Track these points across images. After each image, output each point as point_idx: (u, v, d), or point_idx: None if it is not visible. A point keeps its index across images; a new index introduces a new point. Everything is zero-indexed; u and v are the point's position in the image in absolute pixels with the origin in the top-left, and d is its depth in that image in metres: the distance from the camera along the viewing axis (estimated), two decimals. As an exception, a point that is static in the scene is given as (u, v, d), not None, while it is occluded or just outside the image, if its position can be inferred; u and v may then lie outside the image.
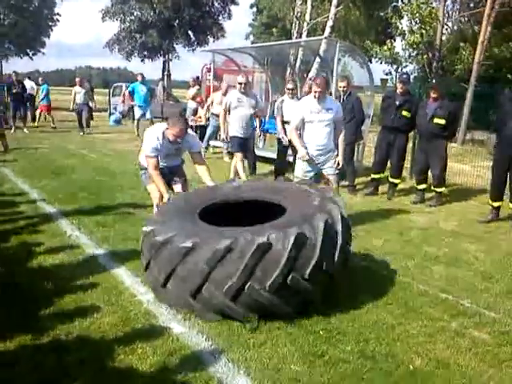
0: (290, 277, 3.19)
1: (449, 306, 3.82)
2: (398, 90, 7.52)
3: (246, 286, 3.17)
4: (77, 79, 15.49)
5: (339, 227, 3.51)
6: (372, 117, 10.50)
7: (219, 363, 2.93)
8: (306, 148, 5.48)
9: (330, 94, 8.19)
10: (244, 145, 7.72)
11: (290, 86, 8.26)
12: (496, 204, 6.50)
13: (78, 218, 5.73)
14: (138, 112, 14.78)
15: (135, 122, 14.94)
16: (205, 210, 4.01)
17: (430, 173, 7.41)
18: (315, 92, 5.43)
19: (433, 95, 7.16)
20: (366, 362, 2.98)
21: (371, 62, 19.76)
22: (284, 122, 7.93)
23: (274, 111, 8.68)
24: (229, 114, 7.75)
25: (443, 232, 5.90)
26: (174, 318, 3.45)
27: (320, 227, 3.33)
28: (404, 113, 7.37)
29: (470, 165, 9.81)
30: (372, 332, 3.35)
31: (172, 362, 2.92)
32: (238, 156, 7.63)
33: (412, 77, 19.08)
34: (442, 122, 7.02)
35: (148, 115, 14.71)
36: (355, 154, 8.71)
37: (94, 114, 20.32)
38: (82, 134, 14.93)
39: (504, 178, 6.34)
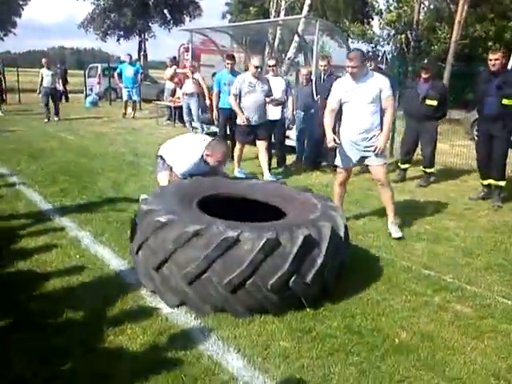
0: (292, 279, 3.12)
1: (431, 282, 3.91)
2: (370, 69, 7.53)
3: (249, 281, 3.08)
4: (43, 60, 13.78)
5: (342, 235, 3.48)
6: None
7: (209, 341, 2.96)
8: (334, 133, 4.91)
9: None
10: (251, 133, 7.11)
11: (271, 62, 7.92)
12: (486, 182, 6.62)
13: (60, 201, 5.66)
14: (125, 94, 14.67)
15: (123, 103, 14.88)
16: (204, 201, 3.86)
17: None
18: (348, 68, 4.75)
19: (424, 76, 7.17)
20: (352, 336, 3.04)
21: (352, 42, 19.76)
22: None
23: None
24: (239, 100, 7.05)
25: (424, 210, 6.00)
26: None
27: (327, 233, 3.27)
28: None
29: (448, 144, 9.93)
30: (358, 308, 3.42)
31: (162, 342, 2.94)
32: (239, 145, 7.28)
33: (390, 56, 19.18)
34: (435, 103, 7.07)
35: (135, 97, 14.58)
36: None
37: (69, 95, 20.02)
38: (46, 120, 13.33)
39: (488, 156, 6.44)
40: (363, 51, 5.06)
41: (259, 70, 6.89)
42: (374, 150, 4.79)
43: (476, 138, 6.67)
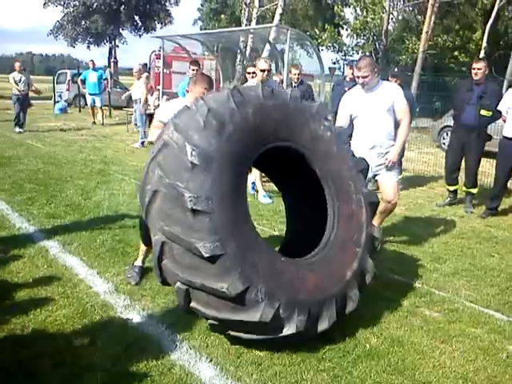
0: None
1: (400, 287, 3.96)
2: (348, 77, 7.65)
3: None
4: (17, 64, 12.19)
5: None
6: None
7: (181, 350, 2.93)
8: None
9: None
10: None
11: (250, 69, 7.39)
12: (452, 188, 6.77)
13: (27, 210, 5.54)
14: (89, 100, 14.58)
15: (89, 109, 14.77)
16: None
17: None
18: (358, 78, 4.34)
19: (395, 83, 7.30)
20: (324, 343, 3.06)
21: (321, 51, 20.02)
22: None
23: None
24: None
25: (393, 216, 6.08)
26: (133, 309, 3.42)
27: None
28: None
29: (416, 151, 10.14)
30: (329, 314, 3.44)
31: (133, 352, 2.90)
32: None
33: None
34: None
35: (98, 103, 14.44)
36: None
37: (35, 101, 19.68)
38: (20, 130, 12.10)
39: (458, 163, 6.61)
40: (373, 58, 4.75)
41: (266, 73, 6.23)
42: (386, 165, 4.43)
43: (444, 145, 6.82)
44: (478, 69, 6.24)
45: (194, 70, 8.10)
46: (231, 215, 2.69)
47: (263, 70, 6.18)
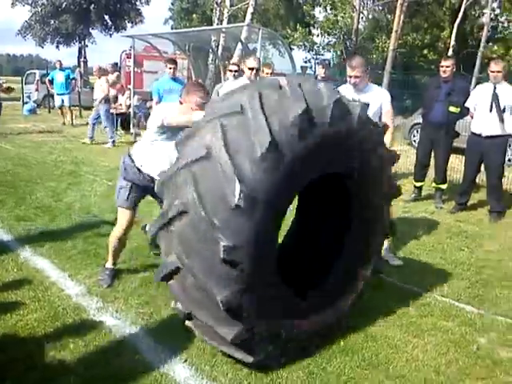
0: None
1: (373, 283, 3.98)
2: (320, 76, 7.70)
3: None
4: None
5: None
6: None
7: (155, 352, 2.91)
8: None
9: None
10: None
11: (233, 67, 7.22)
12: (418, 184, 6.89)
13: (-4, 213, 5.43)
14: (57, 100, 14.36)
15: (58, 110, 14.55)
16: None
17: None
18: (350, 77, 4.17)
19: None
20: (299, 340, 3.07)
21: (292, 49, 20.09)
22: None
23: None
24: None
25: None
26: (106, 311, 3.38)
27: None
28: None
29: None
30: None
31: (106, 355, 2.87)
32: None
33: (331, 64, 19.61)
34: None
35: (66, 102, 14.22)
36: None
37: (5, 102, 19.21)
38: None
39: (428, 160, 6.72)
40: (363, 58, 4.51)
41: (255, 71, 5.89)
42: None
43: (414, 142, 6.92)
44: (447, 66, 6.36)
45: (170, 68, 7.89)
46: (260, 265, 2.42)
47: (252, 69, 5.87)
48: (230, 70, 7.32)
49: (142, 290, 3.67)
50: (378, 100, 4.24)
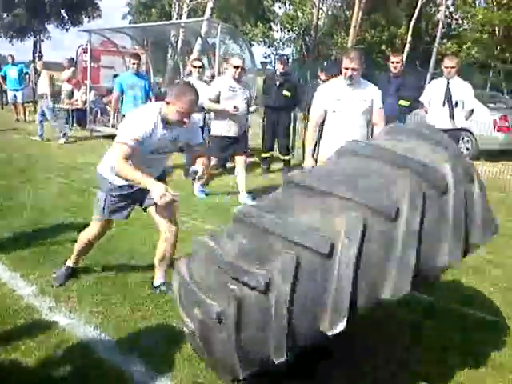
0: None
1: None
2: (279, 71, 7.72)
3: None
4: None
5: None
6: (255, 98, 10.72)
7: (110, 351, 2.86)
8: (314, 160, 4.19)
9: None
10: (229, 147, 6.00)
11: (196, 63, 7.20)
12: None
13: None
14: (10, 96, 13.94)
15: (12, 106, 14.12)
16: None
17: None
18: (347, 69, 3.98)
19: (323, 78, 7.42)
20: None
21: (252, 45, 20.11)
22: None
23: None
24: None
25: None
26: (59, 311, 3.28)
27: None
28: (285, 92, 7.58)
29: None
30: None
31: (60, 355, 2.79)
32: (213, 160, 5.88)
33: (290, 60, 19.75)
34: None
35: (19, 99, 13.81)
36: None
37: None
38: None
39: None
40: (362, 51, 4.44)
41: (239, 70, 5.79)
42: None
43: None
44: (397, 62, 6.48)
45: (134, 63, 7.76)
46: None
47: (237, 67, 5.76)
48: (194, 66, 7.23)
49: (95, 289, 3.59)
50: (369, 95, 4.18)
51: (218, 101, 5.76)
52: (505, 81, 18.31)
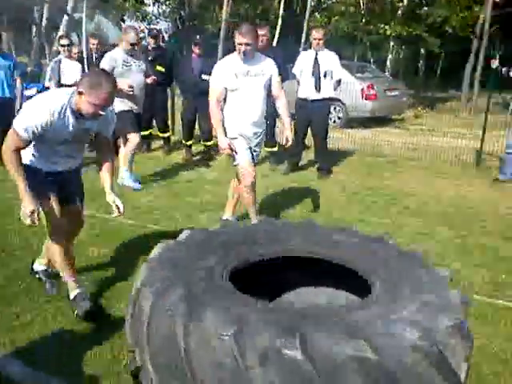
0: None
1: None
2: (150, 46, 7.55)
3: None
4: None
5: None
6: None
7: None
8: (227, 136, 4.05)
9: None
10: (136, 122, 5.75)
11: (64, 41, 6.78)
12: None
13: None
14: None
15: None
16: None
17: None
18: (240, 45, 3.90)
19: (197, 51, 7.32)
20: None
21: (124, 22, 19.40)
22: (62, 86, 6.55)
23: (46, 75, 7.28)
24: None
25: (206, 181, 6.28)
26: None
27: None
28: (158, 67, 7.42)
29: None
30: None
31: None
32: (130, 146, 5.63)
33: (167, 35, 19.37)
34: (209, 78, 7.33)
35: None
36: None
37: None
38: None
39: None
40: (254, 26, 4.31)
41: (134, 46, 5.57)
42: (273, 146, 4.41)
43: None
44: (263, 35, 6.53)
45: None
46: None
47: (133, 44, 5.49)
48: (62, 45, 6.79)
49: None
50: (268, 69, 4.11)
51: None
52: (371, 51, 19.49)
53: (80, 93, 2.67)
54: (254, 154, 4.26)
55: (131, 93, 5.46)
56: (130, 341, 1.93)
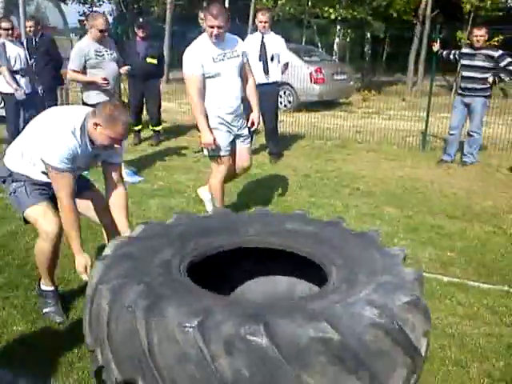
0: None
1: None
2: None
3: None
4: None
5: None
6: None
7: None
8: (211, 131, 3.84)
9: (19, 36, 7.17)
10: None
11: (5, 24, 6.29)
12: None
13: None
14: None
15: None
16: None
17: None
18: (212, 28, 3.65)
19: (142, 34, 7.16)
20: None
21: (67, 4, 18.69)
22: (14, 72, 6.21)
23: None
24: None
25: (156, 167, 6.20)
26: None
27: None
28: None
29: (175, 102, 10.35)
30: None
31: None
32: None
33: (111, 18, 18.81)
34: (155, 61, 7.19)
35: None
36: (59, 99, 8.23)
37: None
38: None
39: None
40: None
41: (104, 33, 5.24)
42: (249, 128, 4.12)
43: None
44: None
45: None
46: None
47: (103, 31, 5.19)
48: (5, 29, 6.36)
49: None
50: (240, 51, 3.92)
51: (84, 70, 5.21)
52: (318, 35, 19.62)
53: (95, 124, 2.55)
54: (242, 138, 4.13)
55: (107, 86, 5.21)
56: (89, 341, 1.91)
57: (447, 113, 8.04)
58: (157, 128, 7.58)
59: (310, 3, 17.80)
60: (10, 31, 6.31)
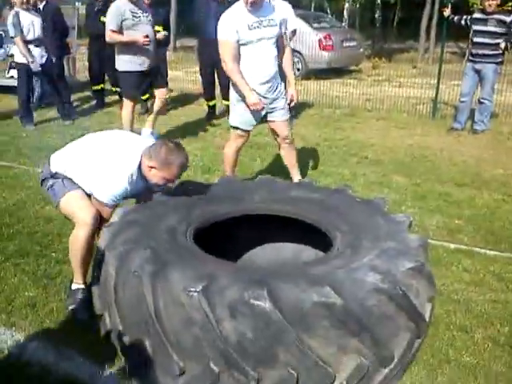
0: None
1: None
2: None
3: None
4: None
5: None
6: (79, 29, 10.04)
7: None
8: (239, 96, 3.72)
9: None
10: (144, 82, 5.37)
11: None
12: (211, 103, 7.05)
13: None
14: None
15: None
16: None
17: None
18: None
19: (147, 1, 7.03)
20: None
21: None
22: (27, 42, 6.16)
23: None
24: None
25: (163, 136, 6.18)
26: None
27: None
28: (102, 18, 7.10)
29: (182, 71, 10.26)
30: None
31: None
32: (129, 104, 5.41)
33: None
34: (161, 29, 7.08)
35: None
36: (65, 69, 8.22)
37: None
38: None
39: (212, 79, 6.86)
40: None
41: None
42: (286, 102, 3.93)
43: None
44: None
45: None
46: None
47: None
48: None
49: None
50: (278, 17, 3.78)
51: (121, 31, 5.07)
52: (327, 1, 19.24)
53: (151, 167, 2.47)
54: (277, 111, 3.92)
55: (148, 45, 5.09)
56: (97, 305, 1.94)
57: (459, 80, 7.88)
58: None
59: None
60: (26, 1, 6.20)
